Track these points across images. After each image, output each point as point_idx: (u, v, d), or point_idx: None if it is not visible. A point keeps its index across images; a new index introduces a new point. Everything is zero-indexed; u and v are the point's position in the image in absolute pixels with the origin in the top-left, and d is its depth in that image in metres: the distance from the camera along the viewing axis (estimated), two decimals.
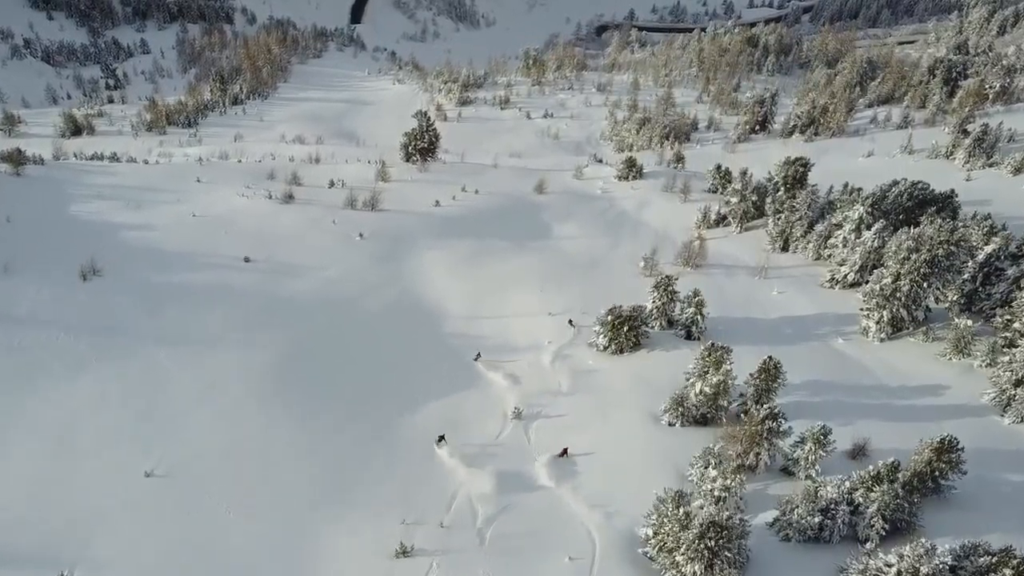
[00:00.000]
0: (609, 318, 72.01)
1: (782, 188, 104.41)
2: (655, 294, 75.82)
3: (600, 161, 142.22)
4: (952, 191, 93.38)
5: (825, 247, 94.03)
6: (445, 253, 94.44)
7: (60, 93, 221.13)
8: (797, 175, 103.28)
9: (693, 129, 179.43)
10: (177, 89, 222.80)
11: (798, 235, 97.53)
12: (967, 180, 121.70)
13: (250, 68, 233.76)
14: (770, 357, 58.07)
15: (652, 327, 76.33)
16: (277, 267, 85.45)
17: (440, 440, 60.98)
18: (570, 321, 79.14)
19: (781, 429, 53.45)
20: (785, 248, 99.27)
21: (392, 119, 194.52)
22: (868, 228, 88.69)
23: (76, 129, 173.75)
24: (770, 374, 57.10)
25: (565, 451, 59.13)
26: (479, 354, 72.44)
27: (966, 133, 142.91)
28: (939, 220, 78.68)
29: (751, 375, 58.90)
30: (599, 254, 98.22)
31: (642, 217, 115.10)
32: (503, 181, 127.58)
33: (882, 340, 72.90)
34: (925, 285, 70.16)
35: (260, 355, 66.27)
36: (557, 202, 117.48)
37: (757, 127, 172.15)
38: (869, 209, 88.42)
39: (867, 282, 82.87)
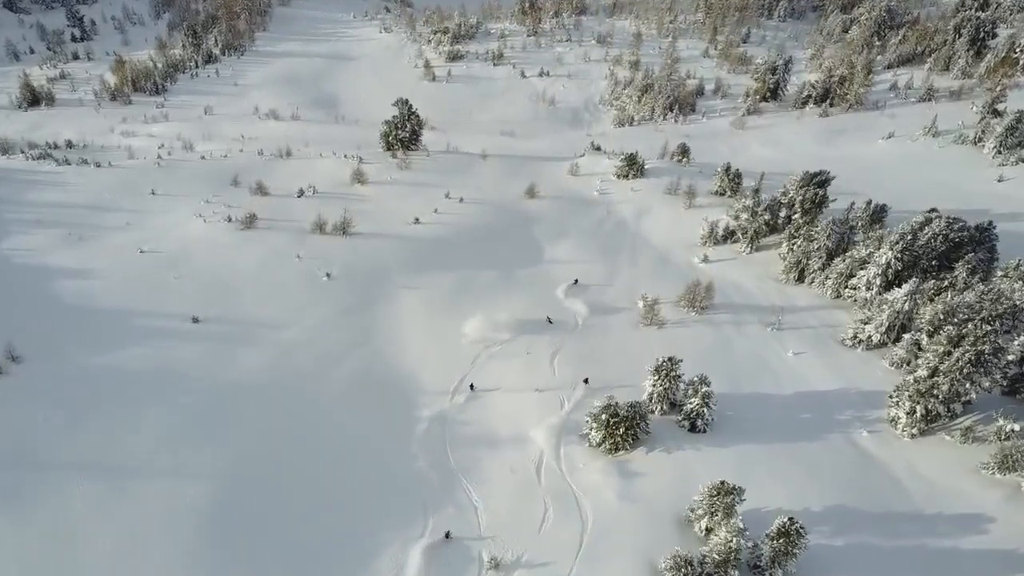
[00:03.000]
0: (604, 416, 62.85)
1: (799, 211, 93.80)
2: (656, 379, 66.52)
3: (598, 149, 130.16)
4: (989, 226, 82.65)
5: (846, 286, 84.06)
6: (422, 295, 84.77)
7: (22, 47, 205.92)
8: (816, 198, 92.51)
9: (699, 95, 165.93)
10: (148, 40, 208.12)
11: (815, 267, 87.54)
12: (999, 181, 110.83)
13: (227, 14, 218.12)
14: (790, 519, 49.05)
15: (653, 411, 67.17)
16: (228, 330, 75.66)
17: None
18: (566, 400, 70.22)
19: None
20: (800, 279, 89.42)
21: (375, 81, 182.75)
22: (896, 275, 79.05)
23: (34, 99, 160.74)
24: (790, 539, 48.29)
25: None
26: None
27: (996, 114, 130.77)
28: (983, 294, 68.33)
29: (767, 536, 50.05)
30: (593, 292, 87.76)
31: (642, 229, 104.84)
32: (491, 181, 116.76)
33: (913, 436, 63.91)
34: (968, 385, 60.57)
35: (193, 490, 56.32)
36: (550, 211, 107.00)
37: (768, 95, 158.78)
38: (899, 254, 78.13)
39: (895, 341, 74.16)
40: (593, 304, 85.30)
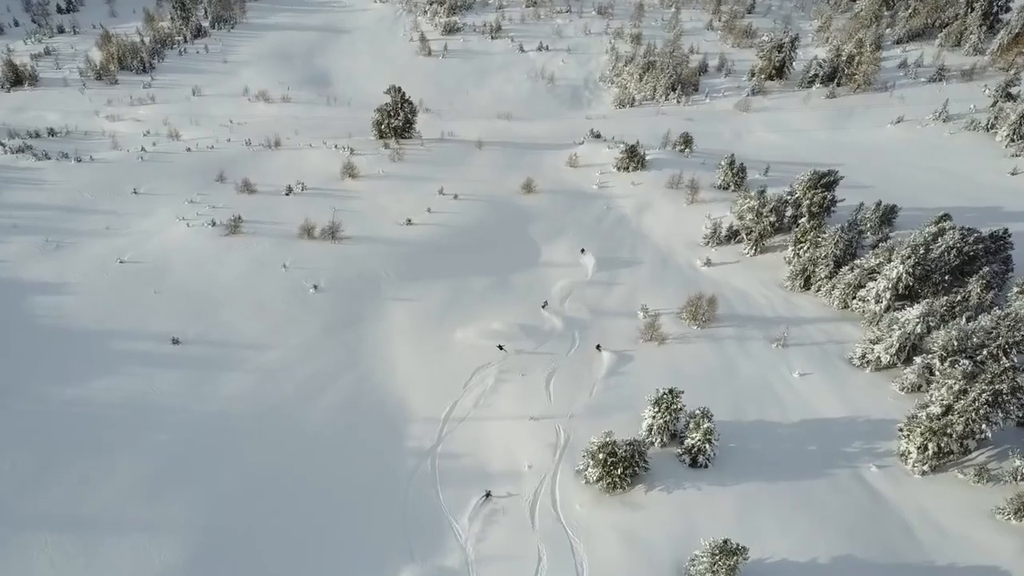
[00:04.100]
0: (601, 455, 59.87)
1: (806, 214, 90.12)
2: (655, 411, 63.43)
3: (598, 136, 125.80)
4: (1004, 235, 79.11)
5: (854, 297, 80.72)
6: (413, 308, 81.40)
7: (6, 19, 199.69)
8: (823, 202, 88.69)
9: (702, 72, 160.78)
10: (136, 12, 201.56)
11: (822, 275, 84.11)
12: (1012, 174, 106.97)
13: None
14: None
15: (652, 442, 64.25)
16: (209, 353, 72.23)
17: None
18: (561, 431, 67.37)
19: None
20: (806, 286, 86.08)
21: (370, 56, 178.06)
22: (907, 289, 75.76)
23: (17, 79, 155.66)
24: None
25: None
26: None
27: (1009, 97, 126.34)
28: (999, 319, 65.06)
29: None
30: (592, 299, 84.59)
31: (643, 225, 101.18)
32: (487, 173, 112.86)
33: (924, 473, 61.05)
34: (983, 426, 57.55)
35: (167, 547, 52.91)
36: (547, 208, 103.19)
37: (774, 73, 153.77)
38: (910, 269, 74.63)
39: (905, 362, 71.09)
40: (592, 314, 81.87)
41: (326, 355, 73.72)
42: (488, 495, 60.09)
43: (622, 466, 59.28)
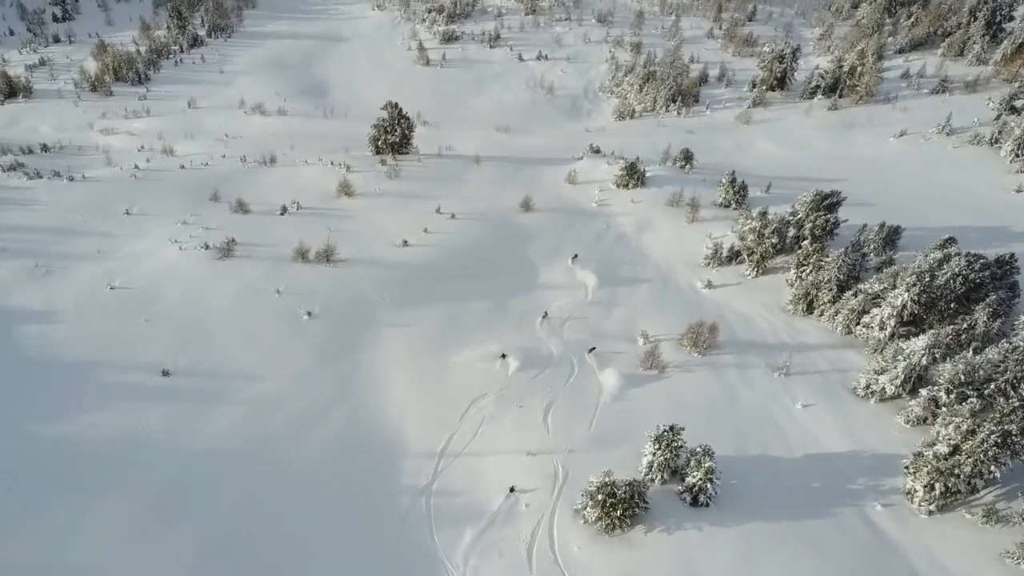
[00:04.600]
0: (600, 496, 58.45)
1: (809, 236, 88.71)
2: (655, 448, 61.99)
3: (597, 151, 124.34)
4: (1011, 260, 77.65)
5: (858, 323, 79.26)
6: (408, 335, 79.96)
7: (2, 28, 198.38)
8: (826, 225, 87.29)
9: (702, 83, 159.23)
10: (133, 20, 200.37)
11: (825, 300, 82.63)
12: (1017, 191, 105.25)
13: None
14: None
15: (653, 479, 62.81)
16: (199, 385, 70.73)
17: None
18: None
19: None
20: (809, 310, 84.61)
21: (367, 65, 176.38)
22: (912, 316, 74.35)
23: (11, 91, 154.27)
24: None
25: None
26: None
27: (1014, 111, 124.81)
28: (1007, 352, 63.61)
29: None
30: (593, 321, 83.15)
31: (643, 244, 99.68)
32: (485, 190, 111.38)
33: (930, 513, 59.57)
34: (992, 468, 56.09)
35: None
36: (546, 226, 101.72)
37: (775, 84, 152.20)
38: (915, 296, 73.16)
39: (911, 392, 69.65)
40: (591, 337, 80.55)
41: (319, 386, 72.29)
42: (512, 490, 61.92)
43: (621, 507, 57.97)
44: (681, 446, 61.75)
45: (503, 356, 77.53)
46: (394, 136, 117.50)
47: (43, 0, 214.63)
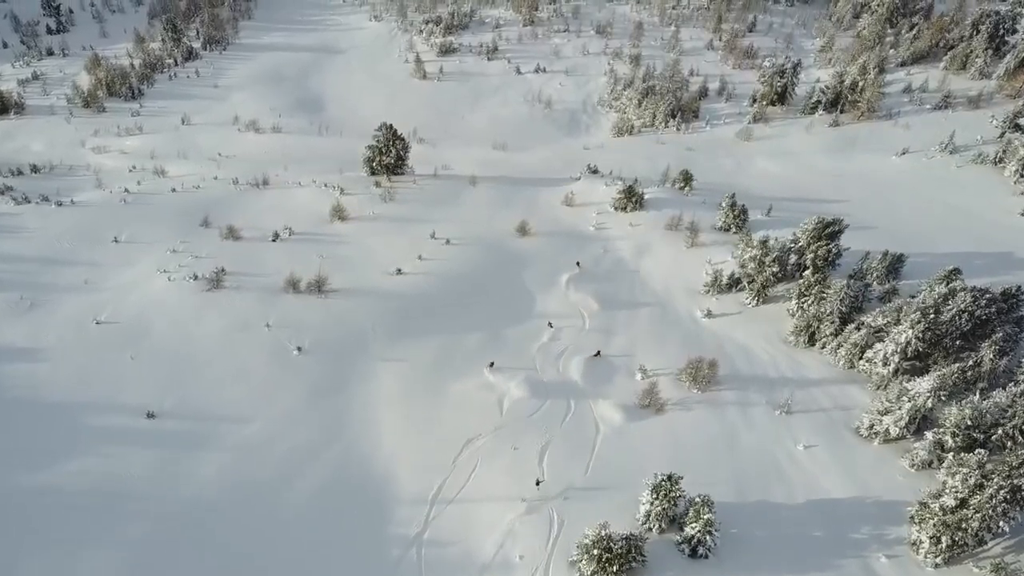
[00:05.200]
0: (596, 551, 56.62)
1: (811, 266, 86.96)
2: (653, 497, 60.19)
3: (595, 172, 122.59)
4: (1017, 292, 75.82)
5: (861, 357, 77.43)
6: (401, 370, 78.17)
7: None
8: (828, 255, 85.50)
9: (702, 97, 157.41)
10: (127, 31, 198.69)
11: (827, 332, 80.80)
12: (1022, 215, 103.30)
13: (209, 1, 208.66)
14: None
15: (651, 529, 61.00)
16: (185, 428, 68.89)
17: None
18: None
19: None
20: (811, 342, 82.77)
21: (364, 78, 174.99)
22: (916, 353, 72.55)
23: (3, 107, 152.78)
24: None
25: None
26: None
27: (1017, 128, 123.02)
28: (1016, 397, 61.81)
29: None
30: (590, 351, 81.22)
31: (641, 270, 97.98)
32: (480, 212, 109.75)
33: (936, 566, 57.77)
34: (1002, 524, 54.26)
35: None
36: (543, 251, 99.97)
37: (775, 99, 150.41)
38: (920, 334, 71.37)
39: (915, 433, 67.83)
40: (588, 369, 78.66)
41: (308, 427, 70.53)
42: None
43: (618, 563, 56.14)
44: (680, 495, 59.93)
45: (491, 364, 79.52)
46: (389, 157, 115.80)
47: (37, 11, 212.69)
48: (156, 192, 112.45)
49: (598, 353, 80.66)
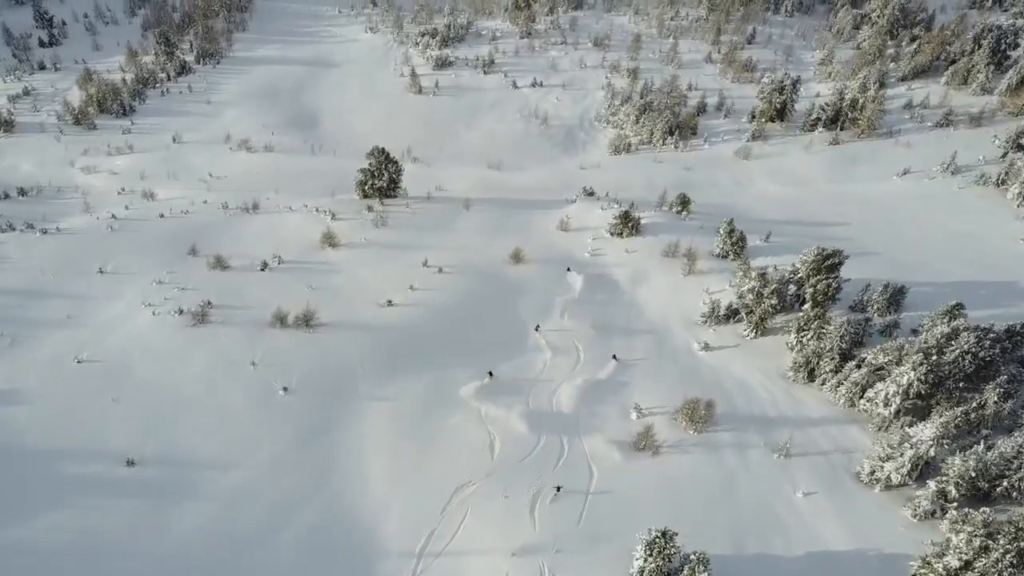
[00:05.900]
0: None
1: (810, 300, 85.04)
2: (646, 553, 58.13)
3: (591, 194, 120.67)
4: (1021, 330, 73.74)
5: (862, 397, 75.49)
6: (390, 410, 76.25)
7: None
8: (828, 290, 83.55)
9: (701, 112, 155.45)
10: (120, 44, 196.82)
11: (827, 369, 78.83)
12: None
13: (203, 13, 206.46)
14: None
15: None
16: (166, 476, 66.87)
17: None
18: None
19: None
20: (810, 378, 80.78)
21: (359, 92, 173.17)
22: (918, 394, 70.61)
23: None
24: None
25: None
26: None
27: (1021, 148, 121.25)
28: (1021, 447, 59.87)
29: None
30: (585, 387, 79.17)
31: (637, 298, 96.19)
32: (474, 238, 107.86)
33: None
34: None
35: None
36: (536, 279, 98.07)
37: (775, 115, 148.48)
38: (922, 376, 69.39)
39: (918, 480, 65.87)
40: (582, 405, 76.80)
41: (294, 473, 68.58)
42: (559, 489, 65.59)
43: None
44: (674, 552, 57.91)
45: (490, 374, 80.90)
46: (381, 180, 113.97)
47: (30, 23, 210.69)
48: (144, 218, 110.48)
49: (614, 357, 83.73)
